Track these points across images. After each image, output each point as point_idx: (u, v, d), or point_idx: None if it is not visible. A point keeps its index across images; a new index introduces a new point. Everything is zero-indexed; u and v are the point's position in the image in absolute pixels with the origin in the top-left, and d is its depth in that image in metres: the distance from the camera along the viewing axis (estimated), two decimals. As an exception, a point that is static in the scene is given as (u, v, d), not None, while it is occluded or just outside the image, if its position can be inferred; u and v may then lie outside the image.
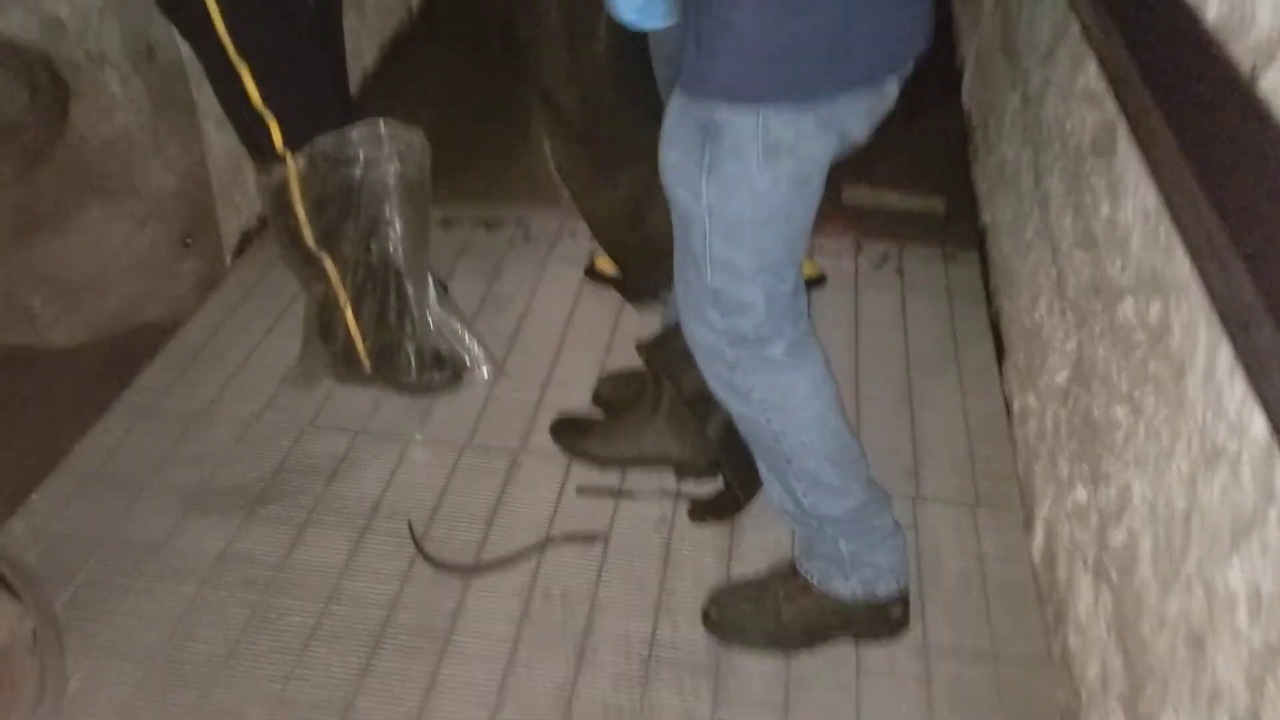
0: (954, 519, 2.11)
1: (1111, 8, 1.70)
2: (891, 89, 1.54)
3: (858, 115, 1.52)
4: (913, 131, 2.85)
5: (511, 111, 3.57)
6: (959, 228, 2.99)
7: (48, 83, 1.48)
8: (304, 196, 2.12)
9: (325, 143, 2.08)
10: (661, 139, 1.58)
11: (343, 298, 2.26)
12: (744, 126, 1.46)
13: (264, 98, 2.05)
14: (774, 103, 1.45)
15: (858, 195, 2.96)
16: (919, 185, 3.07)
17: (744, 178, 1.49)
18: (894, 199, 3.01)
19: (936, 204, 3.01)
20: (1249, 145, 1.20)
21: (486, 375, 2.40)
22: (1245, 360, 1.05)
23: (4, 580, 1.73)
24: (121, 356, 2.46)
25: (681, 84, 1.54)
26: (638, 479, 2.14)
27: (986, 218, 2.88)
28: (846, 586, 1.79)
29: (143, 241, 2.49)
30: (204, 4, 1.96)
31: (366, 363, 2.32)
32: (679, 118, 1.54)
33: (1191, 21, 1.43)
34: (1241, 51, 1.30)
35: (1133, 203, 1.66)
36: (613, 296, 2.71)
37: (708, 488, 2.12)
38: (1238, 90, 1.26)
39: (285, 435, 2.26)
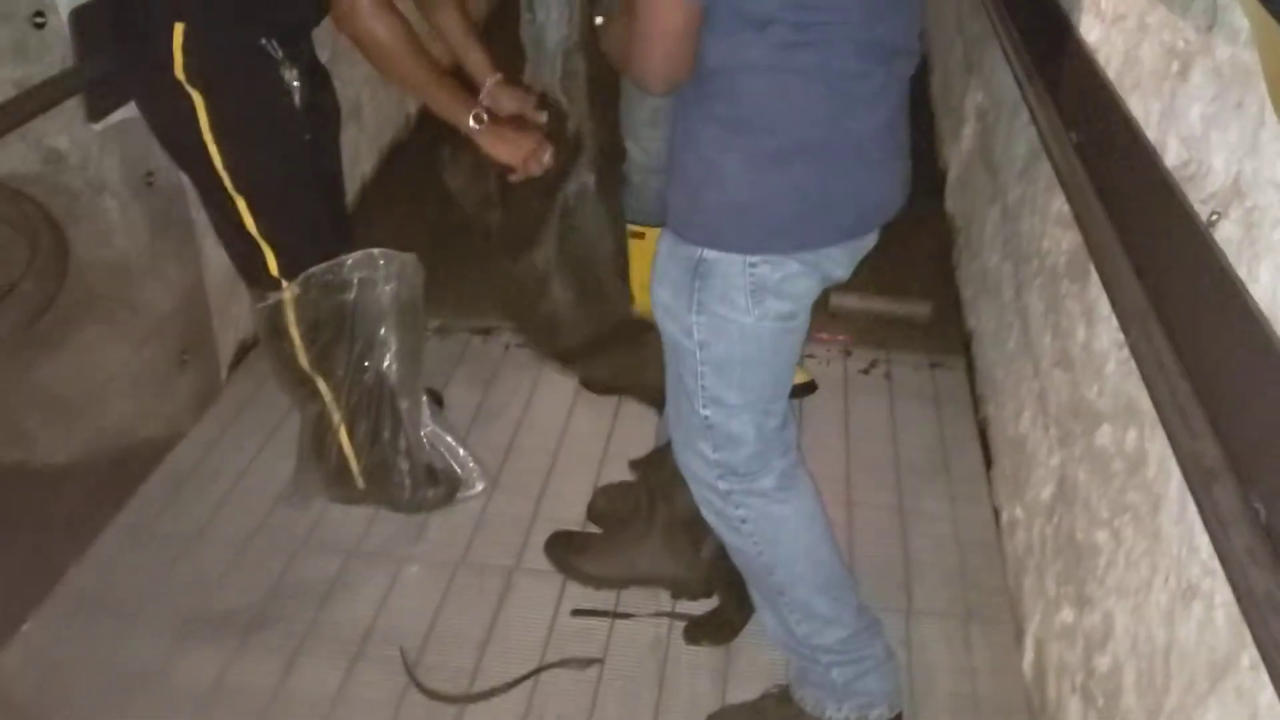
0: (946, 633, 2.12)
1: (1079, 147, 1.76)
2: (872, 237, 1.60)
3: (839, 260, 1.57)
4: (899, 235, 2.90)
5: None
6: (945, 332, 3.03)
7: (49, 239, 1.52)
8: (299, 321, 2.17)
9: (320, 269, 2.13)
10: (652, 275, 1.63)
11: (336, 418, 2.28)
12: (731, 268, 1.52)
13: (260, 227, 2.10)
14: (759, 252, 1.50)
15: (845, 301, 3.01)
16: (905, 289, 3.12)
17: (732, 318, 1.54)
18: (880, 304, 3.06)
19: (922, 309, 3.06)
20: (1210, 297, 1.24)
21: (480, 490, 2.42)
22: (1206, 518, 1.08)
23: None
24: (117, 475, 2.48)
25: (669, 224, 1.59)
26: (633, 598, 2.15)
27: (971, 323, 2.93)
28: (840, 713, 1.80)
29: (140, 360, 2.53)
30: (201, 139, 2.02)
31: (360, 481, 2.35)
32: (668, 257, 1.59)
33: (1151, 164, 1.48)
34: (1199, 198, 1.35)
35: (1106, 331, 1.70)
36: (607, 405, 2.75)
37: (703, 608, 2.13)
38: (1197, 237, 1.30)
39: (278, 556, 2.27)
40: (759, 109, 1.46)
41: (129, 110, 2.34)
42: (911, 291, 3.16)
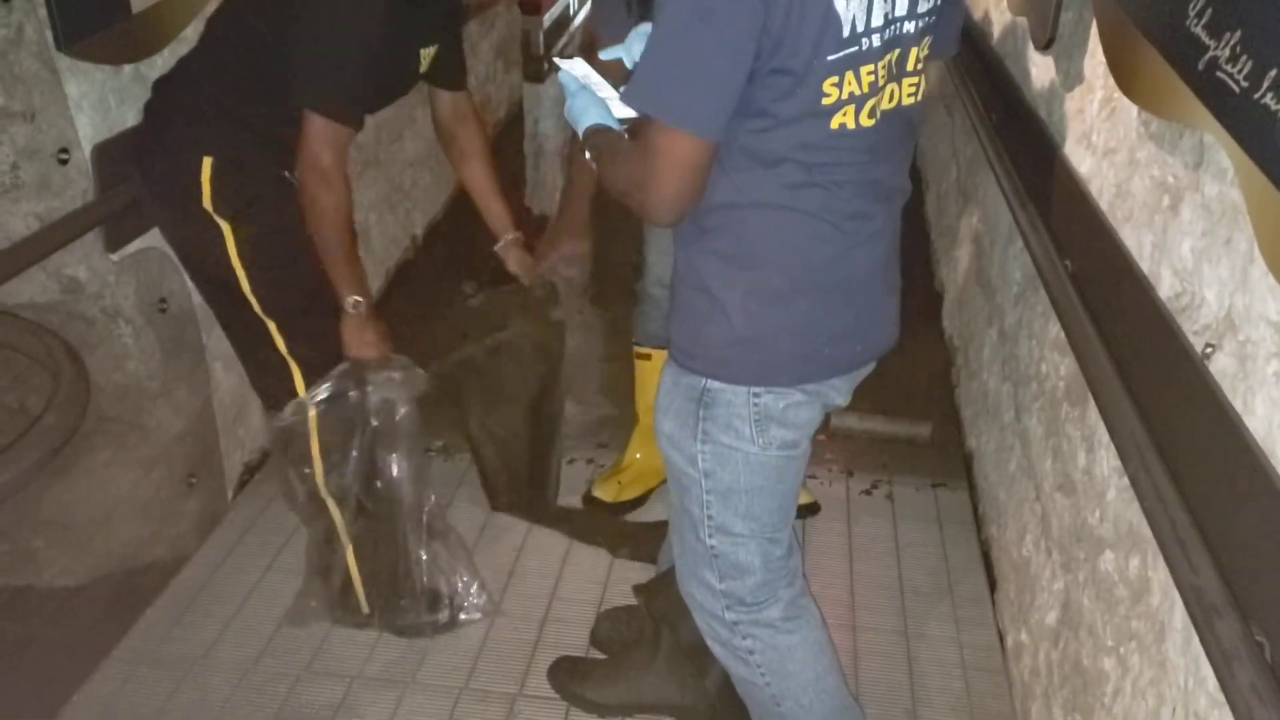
0: (954, 761, 2.10)
1: (1075, 273, 1.81)
2: (871, 365, 1.64)
3: (840, 389, 1.61)
4: (897, 355, 2.95)
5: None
6: (946, 452, 3.05)
7: (70, 372, 1.56)
8: (320, 442, 2.19)
9: (343, 387, 2.16)
10: (655, 407, 1.66)
11: (344, 539, 2.30)
12: (736, 398, 1.55)
13: (290, 347, 2.15)
14: (763, 384, 1.53)
15: (845, 421, 3.04)
16: (904, 410, 3.15)
17: (737, 447, 1.57)
18: (880, 424, 3.09)
19: (922, 429, 3.08)
20: (1207, 429, 1.27)
21: (482, 616, 2.41)
22: (1210, 654, 1.09)
23: None
24: (123, 598, 2.48)
25: (673, 355, 1.63)
26: (636, 726, 2.14)
27: (971, 443, 2.95)
28: (848, 844, 1.78)
29: (149, 483, 2.55)
30: (230, 265, 2.08)
31: (365, 606, 2.34)
32: (671, 388, 1.62)
33: (1145, 295, 1.52)
34: (1193, 329, 1.38)
35: (1107, 457, 1.73)
36: (611, 525, 2.75)
37: (707, 734, 2.11)
38: (1192, 369, 1.34)
39: (282, 682, 2.26)
40: (764, 246, 1.51)
41: (145, 240, 2.41)
42: (911, 412, 3.20)
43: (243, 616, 2.46)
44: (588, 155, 1.57)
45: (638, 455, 2.82)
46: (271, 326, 2.15)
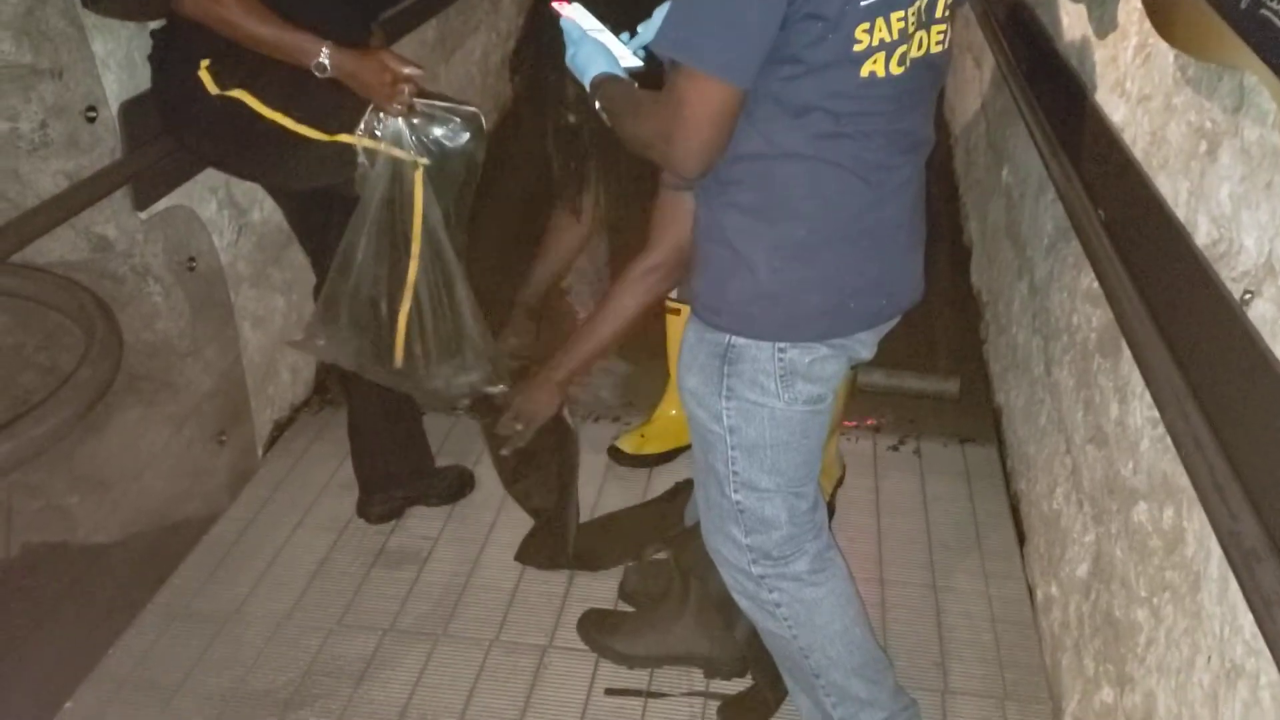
0: (982, 713, 2.10)
1: (1108, 221, 1.79)
2: (895, 319, 1.62)
3: (866, 342, 1.60)
4: (925, 312, 2.94)
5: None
6: (974, 408, 3.04)
7: (103, 327, 1.56)
8: (425, 188, 2.14)
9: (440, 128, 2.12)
10: (679, 363, 1.66)
11: (410, 283, 2.22)
12: (761, 354, 1.54)
13: None
14: (789, 339, 1.52)
15: (872, 378, 3.02)
16: (933, 366, 3.13)
17: (762, 403, 1.56)
18: (908, 381, 3.07)
19: (951, 385, 3.07)
20: (1245, 374, 1.25)
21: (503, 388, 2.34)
22: (1249, 599, 1.08)
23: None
24: (156, 555, 2.51)
25: (696, 312, 1.62)
26: (666, 678, 2.15)
27: (1000, 398, 2.93)
28: (878, 794, 1.78)
29: (180, 440, 2.57)
30: (267, 123, 2.09)
31: (398, 360, 2.27)
32: (695, 344, 1.61)
33: (1183, 242, 1.50)
34: (1230, 278, 1.37)
35: (1140, 407, 1.71)
36: (637, 478, 2.76)
37: (737, 685, 2.12)
38: (1230, 317, 1.32)
39: (314, 635, 2.28)
40: (790, 198, 1.49)
41: (173, 198, 2.42)
42: (939, 368, 3.18)
43: (274, 571, 2.48)
44: (598, 106, 1.55)
45: (672, 412, 2.81)
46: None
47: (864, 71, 1.42)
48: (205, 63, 2.08)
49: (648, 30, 1.57)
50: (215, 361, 2.63)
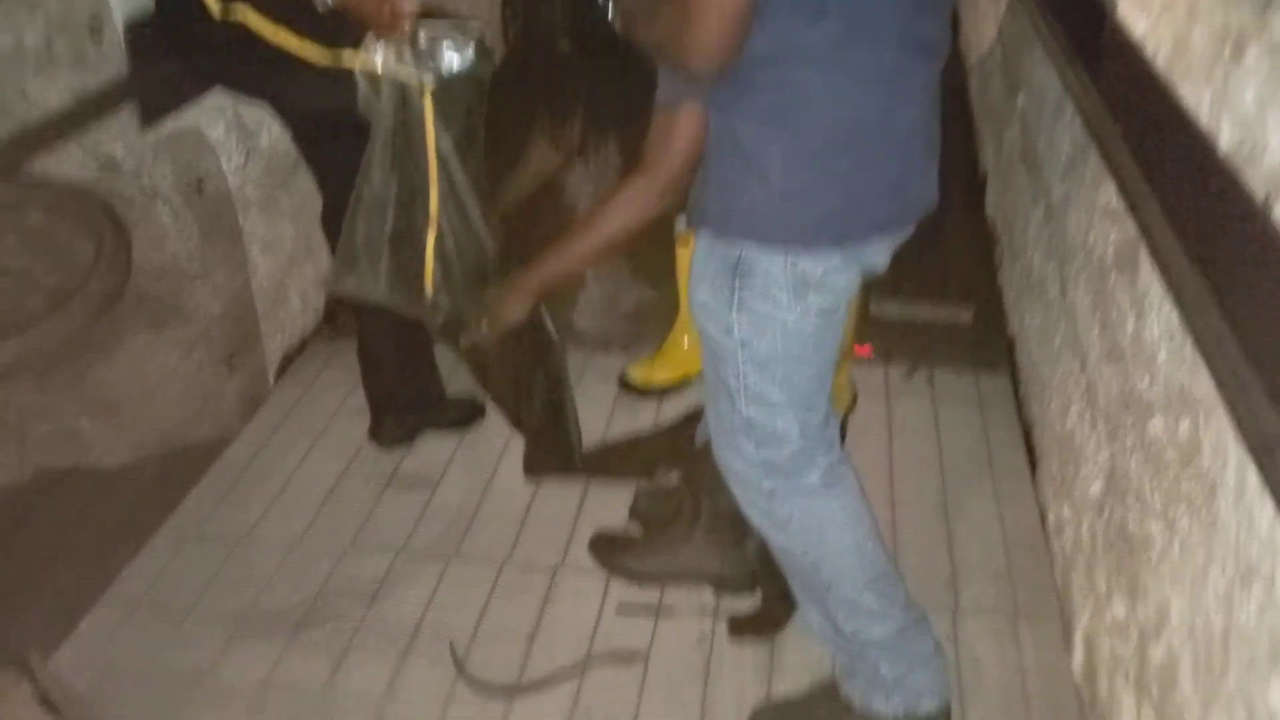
0: (993, 630, 2.10)
1: (1127, 132, 1.76)
2: (910, 228, 1.60)
3: (880, 250, 1.57)
4: (938, 241, 2.91)
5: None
6: (987, 337, 3.02)
7: (111, 233, 1.55)
8: (436, 114, 2.09)
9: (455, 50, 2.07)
10: (690, 277, 1.64)
11: (433, 217, 2.17)
12: (773, 264, 1.52)
13: None
14: (801, 245, 1.50)
15: (886, 306, 3.00)
16: (946, 294, 3.11)
17: (774, 315, 1.54)
18: (922, 309, 3.05)
19: (964, 313, 3.05)
20: (1268, 274, 1.23)
21: None
22: (1273, 487, 1.07)
23: (57, 707, 1.77)
24: (168, 478, 2.52)
25: (707, 224, 1.59)
26: (677, 595, 2.16)
27: (1014, 326, 2.91)
28: (888, 706, 1.79)
29: (189, 364, 2.57)
30: (270, 46, 2.05)
31: (430, 290, 2.20)
32: (706, 255, 1.59)
33: (1206, 149, 1.48)
34: (1255, 180, 1.34)
35: (1157, 320, 1.69)
36: (649, 405, 2.76)
37: (747, 603, 2.13)
38: (1254, 219, 1.30)
39: (327, 557, 2.29)
40: (804, 102, 1.47)
41: (181, 120, 2.40)
42: (953, 297, 3.16)
43: (287, 495, 2.49)
44: (610, 11, 1.53)
45: (684, 342, 2.80)
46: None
47: None
48: None
49: None
50: (224, 285, 2.62)
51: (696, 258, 1.64)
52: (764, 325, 1.57)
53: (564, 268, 1.90)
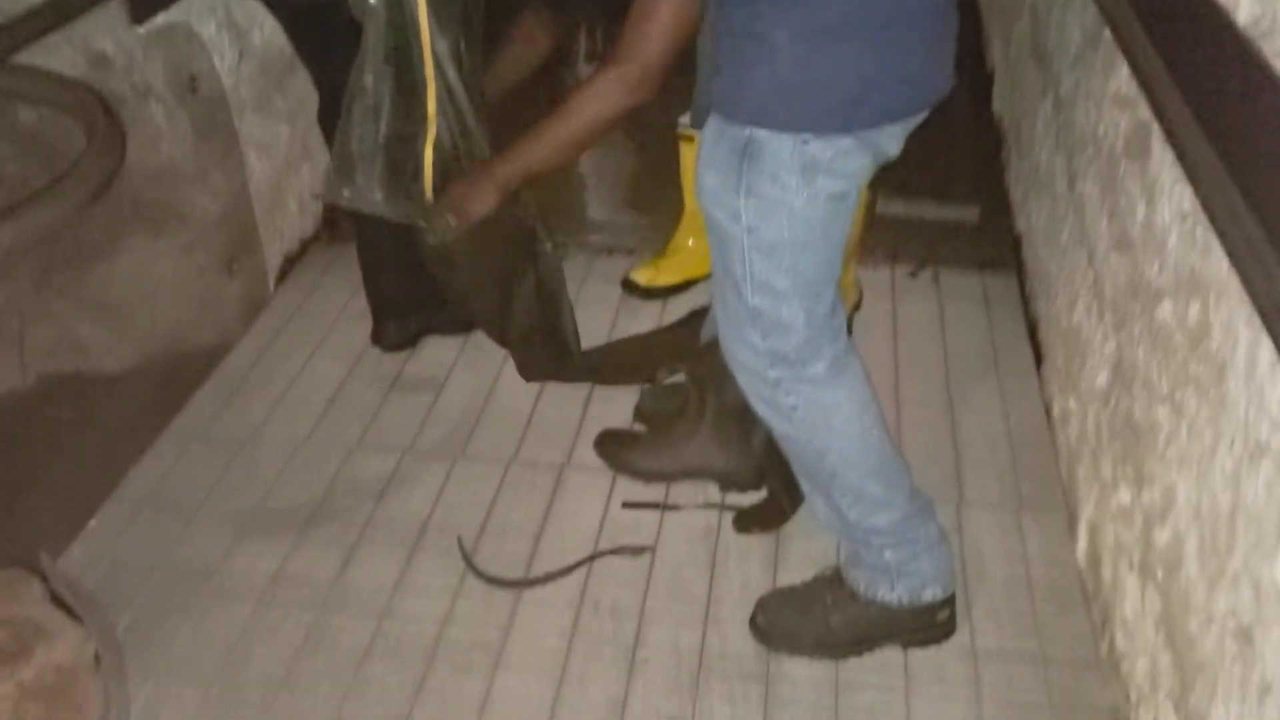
0: (998, 522, 2.11)
1: (1141, 11, 1.72)
2: (924, 112, 1.57)
3: (893, 135, 1.54)
4: (945, 140, 2.87)
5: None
6: (994, 236, 2.99)
7: (105, 123, 1.52)
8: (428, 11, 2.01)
9: None
10: (698, 162, 1.61)
11: (431, 119, 2.08)
12: (781, 147, 1.49)
13: None
14: (811, 130, 1.47)
15: (892, 206, 2.97)
16: (952, 194, 3.08)
17: (782, 199, 1.51)
18: (928, 209, 3.02)
19: (971, 212, 3.02)
20: (1285, 146, 1.21)
21: None
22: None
23: (66, 605, 1.78)
24: (171, 382, 2.51)
25: (716, 108, 1.56)
26: (682, 491, 2.16)
27: (1021, 224, 2.89)
28: (893, 594, 1.80)
29: (189, 267, 2.55)
30: None
31: (430, 193, 2.10)
32: (715, 140, 1.57)
33: (1223, 23, 1.44)
34: (1273, 52, 1.31)
35: (1168, 204, 1.67)
36: (653, 308, 2.75)
37: (752, 498, 2.14)
38: (1271, 90, 1.27)
39: (334, 457, 2.30)
40: None
41: (172, 14, 2.34)
42: (959, 196, 3.13)
43: (291, 398, 2.49)
44: None
45: (689, 242, 2.77)
46: None
47: None
48: None
49: None
50: (221, 188, 2.59)
51: (705, 143, 1.61)
52: (771, 210, 1.54)
53: (531, 162, 1.83)
